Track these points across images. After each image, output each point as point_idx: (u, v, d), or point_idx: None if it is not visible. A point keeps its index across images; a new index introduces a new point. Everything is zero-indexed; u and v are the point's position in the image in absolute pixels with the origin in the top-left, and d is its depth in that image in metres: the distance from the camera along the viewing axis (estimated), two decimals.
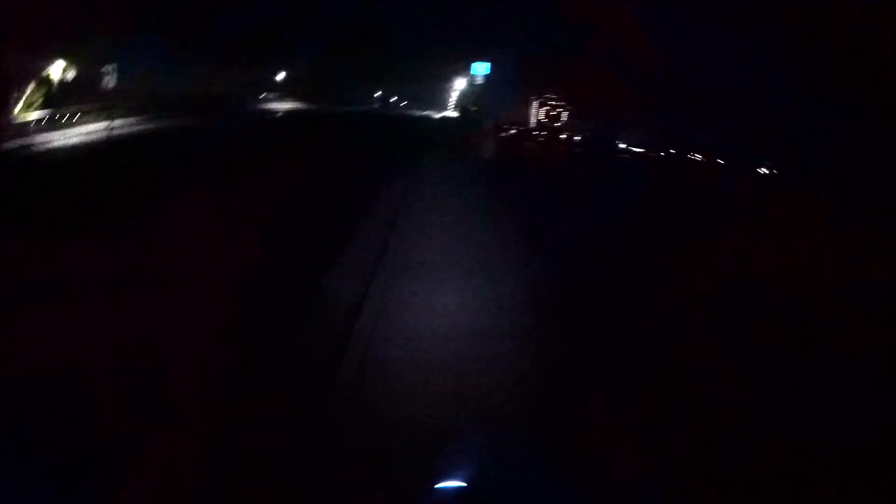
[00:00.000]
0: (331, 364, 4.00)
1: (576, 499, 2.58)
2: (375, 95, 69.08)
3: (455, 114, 50.75)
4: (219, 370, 3.94)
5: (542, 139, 33.80)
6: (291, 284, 5.40)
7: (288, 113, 32.74)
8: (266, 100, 38.57)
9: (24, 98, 12.55)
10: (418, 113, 51.27)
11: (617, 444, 3.04)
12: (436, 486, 1.09)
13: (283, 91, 45.10)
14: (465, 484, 1.10)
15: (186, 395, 3.67)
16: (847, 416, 1.87)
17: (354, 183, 11.73)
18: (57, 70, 14.23)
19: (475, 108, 39.44)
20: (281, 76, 45.13)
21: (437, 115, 48.34)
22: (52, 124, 12.92)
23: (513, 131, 27.13)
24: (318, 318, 4.78)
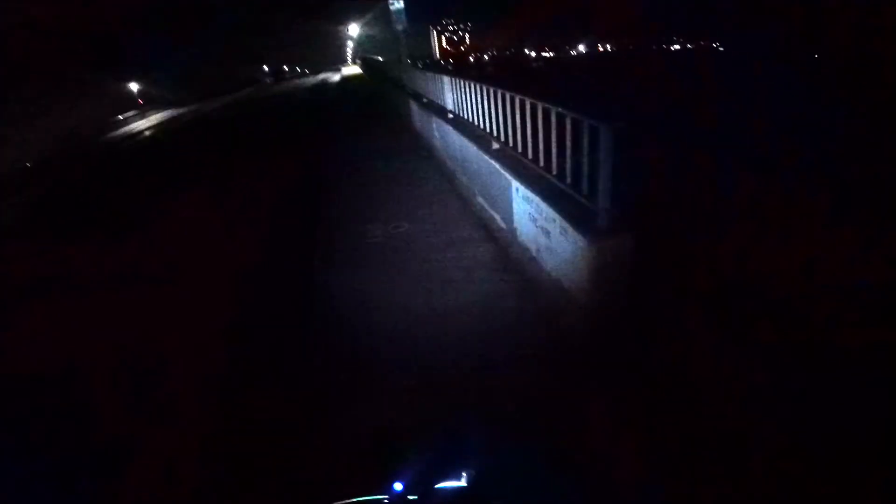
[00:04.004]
0: (330, 363, 4.00)
1: (576, 499, 2.58)
2: (265, 70, 62.78)
3: (357, 69, 45.93)
4: (219, 370, 3.94)
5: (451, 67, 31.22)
6: None
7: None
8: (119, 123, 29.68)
9: None
10: (311, 80, 44.52)
11: (617, 444, 3.04)
12: (436, 486, 1.09)
13: (144, 99, 36.92)
14: (465, 484, 1.10)
15: (186, 395, 3.67)
16: (847, 416, 1.88)
17: None
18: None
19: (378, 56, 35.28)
20: (135, 87, 36.63)
21: (337, 77, 43.32)
22: None
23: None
24: None
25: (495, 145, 5.91)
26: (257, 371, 3.93)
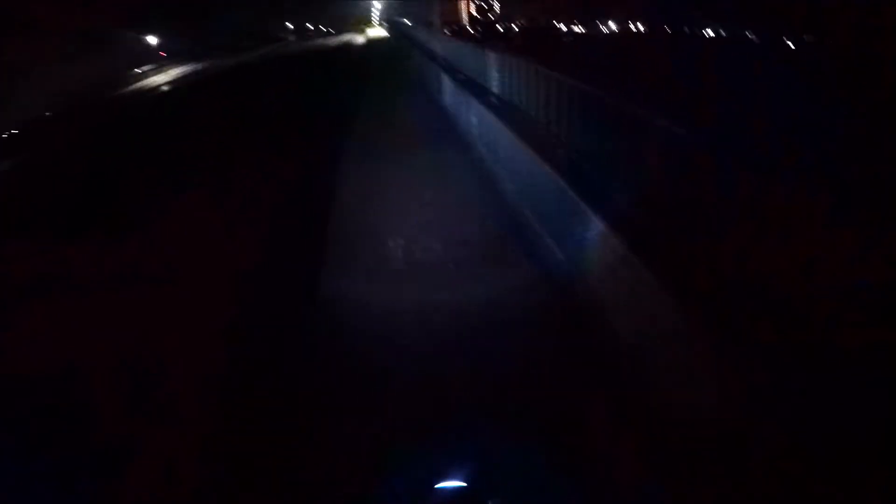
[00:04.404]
0: (329, 363, 4.01)
1: (576, 499, 2.58)
2: (289, 27, 63.48)
3: (383, 31, 46.21)
4: (218, 370, 3.94)
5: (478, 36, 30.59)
6: None
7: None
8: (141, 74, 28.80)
9: None
10: (334, 41, 44.71)
11: (617, 444, 3.04)
12: (436, 486, 1.09)
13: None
14: (465, 484, 1.10)
15: (186, 395, 3.67)
16: (847, 416, 1.88)
17: None
18: None
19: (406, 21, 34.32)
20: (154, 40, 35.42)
21: (361, 39, 43.54)
22: None
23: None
24: None
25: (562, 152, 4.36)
26: (257, 371, 3.94)
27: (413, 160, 8.49)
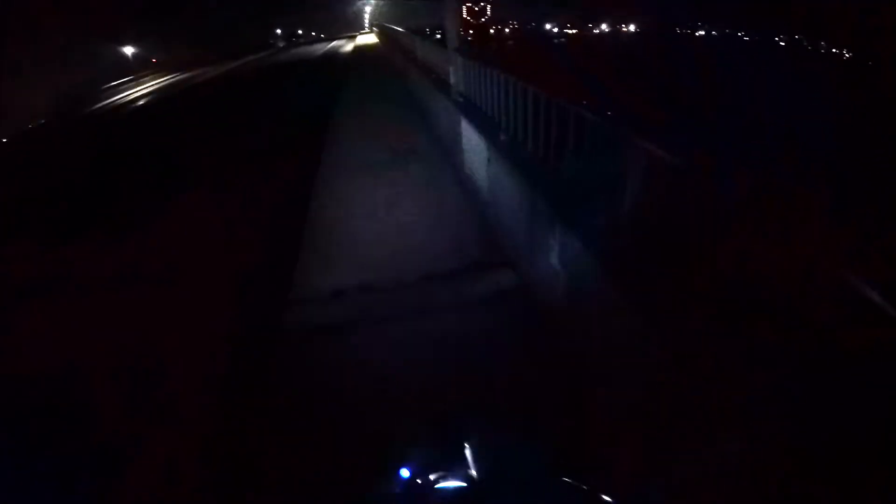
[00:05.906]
0: (329, 363, 4.00)
1: (575, 499, 2.58)
2: (278, 33, 62.17)
3: (373, 37, 44.84)
4: (219, 370, 3.94)
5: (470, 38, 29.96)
6: None
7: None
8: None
9: None
10: (321, 48, 42.61)
11: (617, 444, 3.04)
12: (436, 486, 1.09)
13: (145, 64, 34.12)
14: (464, 484, 1.10)
15: (186, 395, 3.68)
16: (847, 416, 1.88)
17: None
18: None
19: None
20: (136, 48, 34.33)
21: (350, 46, 41.97)
22: None
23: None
24: None
25: None
26: (257, 371, 3.94)
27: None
